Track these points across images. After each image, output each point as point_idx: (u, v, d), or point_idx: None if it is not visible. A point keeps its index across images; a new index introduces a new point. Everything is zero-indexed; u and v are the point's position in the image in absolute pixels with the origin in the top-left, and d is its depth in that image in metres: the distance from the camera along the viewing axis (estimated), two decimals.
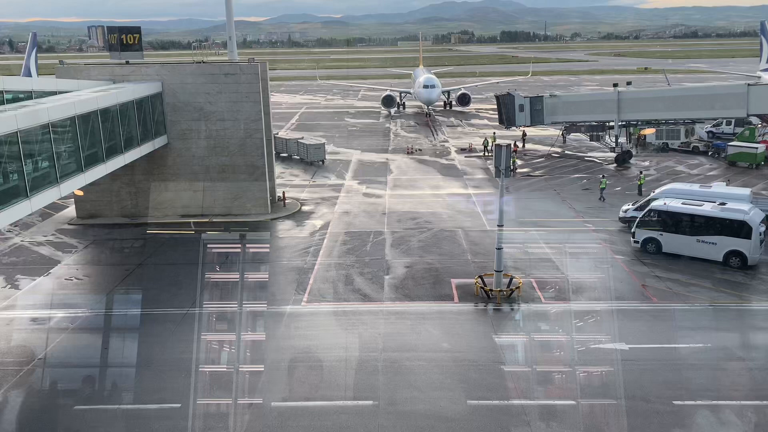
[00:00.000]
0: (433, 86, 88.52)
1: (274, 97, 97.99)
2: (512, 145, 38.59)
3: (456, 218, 42.23)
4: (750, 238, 32.02)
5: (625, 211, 39.41)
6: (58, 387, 23.52)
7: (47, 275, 33.70)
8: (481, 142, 64.97)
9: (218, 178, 42.66)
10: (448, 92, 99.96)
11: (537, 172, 55.70)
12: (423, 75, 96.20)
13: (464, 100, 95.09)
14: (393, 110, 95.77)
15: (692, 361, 24.01)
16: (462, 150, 66.04)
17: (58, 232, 40.99)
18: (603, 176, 49.28)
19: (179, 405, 21.55)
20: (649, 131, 63.24)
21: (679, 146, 63.32)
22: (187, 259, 34.99)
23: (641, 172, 50.87)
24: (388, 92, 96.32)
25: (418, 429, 20.23)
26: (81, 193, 40.87)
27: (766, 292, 30.34)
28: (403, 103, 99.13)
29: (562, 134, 66.98)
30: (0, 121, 24.56)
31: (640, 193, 46.59)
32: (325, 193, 49.66)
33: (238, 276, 31.49)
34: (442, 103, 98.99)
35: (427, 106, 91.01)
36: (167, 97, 41.53)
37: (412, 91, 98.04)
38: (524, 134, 66.81)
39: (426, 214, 43.07)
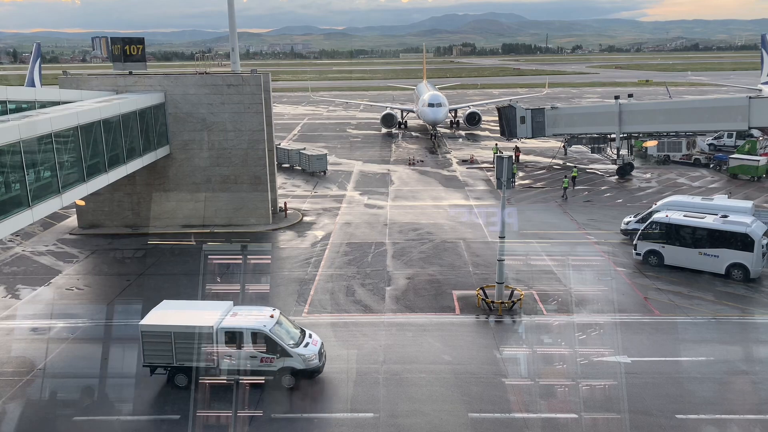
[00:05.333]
0: (439, 104, 78.36)
1: (277, 108, 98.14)
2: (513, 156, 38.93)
3: (457, 229, 42.19)
4: (752, 251, 31.94)
5: (627, 224, 39.38)
6: (57, 397, 23.40)
7: (48, 285, 33.66)
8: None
9: (220, 189, 42.71)
10: (455, 110, 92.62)
11: (538, 184, 55.72)
12: (428, 92, 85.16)
13: (473, 119, 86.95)
14: (394, 130, 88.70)
15: (695, 374, 23.87)
16: (463, 161, 66.13)
17: (60, 241, 40.99)
18: (566, 177, 52.61)
19: (179, 416, 21.46)
20: (651, 143, 63.38)
21: (680, 158, 63.38)
22: (189, 270, 34.95)
23: (575, 167, 57.51)
24: (388, 110, 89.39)
25: None
26: (83, 203, 40.95)
27: None
28: (405, 122, 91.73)
29: (564, 146, 67.10)
30: (3, 130, 24.65)
31: (573, 185, 52.77)
32: (326, 203, 49.68)
33: (239, 286, 31.46)
34: (448, 122, 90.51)
35: (433, 127, 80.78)
36: (170, 108, 41.68)
37: (415, 109, 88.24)
38: (516, 148, 66.54)
39: (427, 226, 43.05)
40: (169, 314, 23.85)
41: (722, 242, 32.70)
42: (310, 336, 24.15)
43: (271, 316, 23.67)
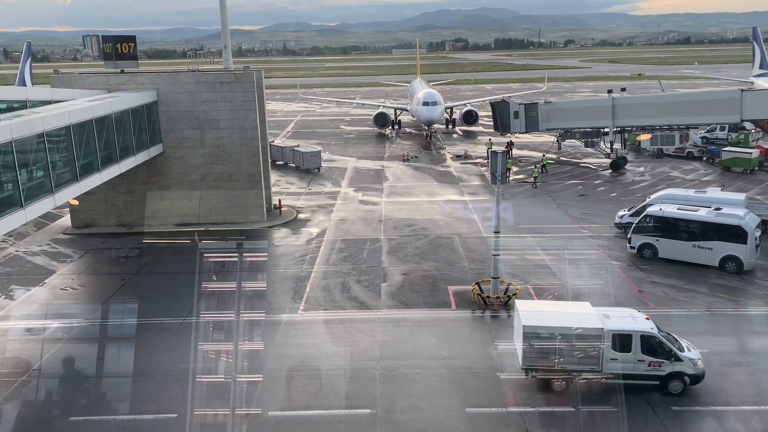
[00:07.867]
0: (434, 103, 75.04)
1: (270, 105, 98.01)
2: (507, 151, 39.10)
3: (452, 225, 42.22)
4: (746, 243, 32.10)
5: (621, 217, 39.51)
6: (53, 398, 23.34)
7: (42, 285, 33.51)
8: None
9: (214, 187, 42.58)
10: (451, 108, 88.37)
11: (532, 179, 55.73)
12: (422, 90, 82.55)
13: (470, 117, 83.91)
14: (387, 130, 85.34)
15: None
16: (458, 157, 66.14)
17: (53, 241, 40.79)
18: (535, 166, 56.84)
19: (176, 415, 21.42)
20: (644, 137, 63.51)
21: (673, 152, 63.61)
22: (184, 268, 34.81)
23: (544, 155, 60.45)
24: (381, 109, 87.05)
25: None
26: (76, 202, 40.72)
27: (763, 297, 30.38)
28: (399, 121, 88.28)
29: (557, 141, 67.19)
30: None
31: (544, 171, 56.39)
32: (321, 200, 49.61)
33: (234, 284, 31.36)
34: (443, 120, 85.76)
35: (428, 127, 77.22)
36: (163, 106, 41.48)
37: (409, 107, 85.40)
38: (510, 143, 66.52)
39: (422, 221, 43.05)
40: (543, 315, 22.84)
41: (716, 235, 32.85)
42: (679, 339, 23.11)
43: (647, 318, 22.75)
